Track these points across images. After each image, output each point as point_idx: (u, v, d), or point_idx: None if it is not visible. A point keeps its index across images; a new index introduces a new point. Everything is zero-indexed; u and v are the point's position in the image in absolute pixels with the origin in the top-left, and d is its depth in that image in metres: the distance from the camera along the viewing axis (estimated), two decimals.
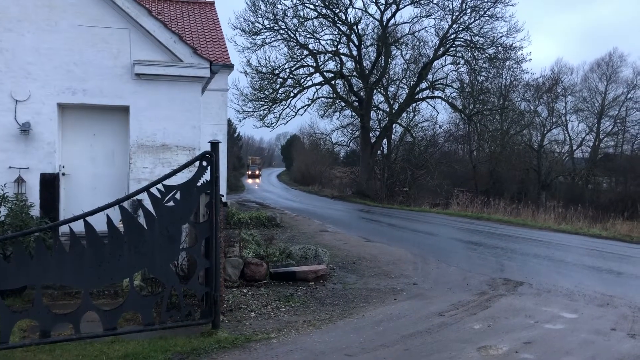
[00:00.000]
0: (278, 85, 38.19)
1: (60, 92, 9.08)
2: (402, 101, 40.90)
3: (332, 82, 39.97)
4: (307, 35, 38.32)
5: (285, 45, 38.19)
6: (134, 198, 6.01)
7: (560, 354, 5.91)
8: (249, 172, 74.89)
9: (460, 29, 37.96)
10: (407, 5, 38.54)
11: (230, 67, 16.98)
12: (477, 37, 37.56)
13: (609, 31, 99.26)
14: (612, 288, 9.53)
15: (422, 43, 40.00)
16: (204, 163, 6.23)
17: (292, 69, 38.61)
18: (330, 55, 39.50)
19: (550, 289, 9.30)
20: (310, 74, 39.33)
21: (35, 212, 8.54)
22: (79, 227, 5.45)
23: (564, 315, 7.58)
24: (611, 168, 45.59)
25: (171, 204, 5.97)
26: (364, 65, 40.76)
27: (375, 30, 40.22)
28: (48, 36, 9.00)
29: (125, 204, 5.98)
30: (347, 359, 5.67)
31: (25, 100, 8.93)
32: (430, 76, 40.15)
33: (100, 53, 9.22)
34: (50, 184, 8.94)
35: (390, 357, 5.75)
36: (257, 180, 67.48)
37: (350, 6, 38.37)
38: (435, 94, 40.64)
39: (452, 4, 37.73)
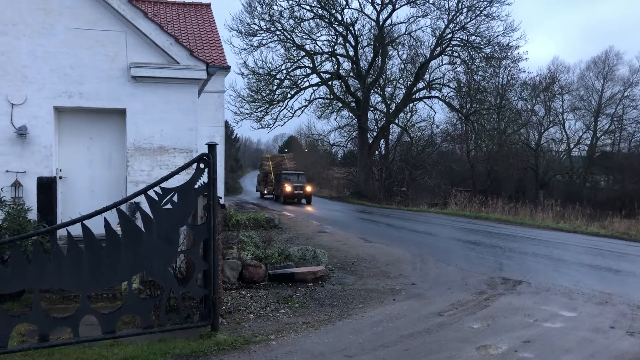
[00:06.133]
0: (275, 87, 38.27)
1: (57, 96, 9.07)
2: (399, 101, 41.03)
3: (329, 82, 40.06)
4: (304, 36, 38.48)
5: (282, 47, 38.37)
6: (132, 201, 6.00)
7: (560, 352, 5.91)
8: (288, 189, 33.64)
9: (457, 28, 38.13)
10: (403, 5, 38.73)
11: (226, 68, 16.96)
12: (473, 37, 37.79)
13: (607, 29, 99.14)
14: (611, 286, 9.54)
15: (418, 43, 40.26)
16: (202, 165, 6.22)
17: (289, 70, 38.70)
18: (327, 56, 39.61)
19: (549, 288, 9.30)
20: (307, 75, 39.42)
21: (33, 215, 8.52)
22: (76, 230, 5.43)
23: (563, 314, 7.58)
24: (609, 166, 45.66)
25: (169, 206, 5.96)
26: (361, 65, 40.85)
27: (372, 31, 40.38)
28: (44, 39, 8.98)
29: (123, 207, 5.96)
30: None
31: (22, 104, 8.91)
32: (427, 76, 40.34)
33: (97, 56, 9.21)
34: (47, 187, 8.93)
35: (389, 357, 5.74)
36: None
37: (347, 7, 38.51)
38: (432, 94, 40.85)
39: (449, 4, 38.00)
